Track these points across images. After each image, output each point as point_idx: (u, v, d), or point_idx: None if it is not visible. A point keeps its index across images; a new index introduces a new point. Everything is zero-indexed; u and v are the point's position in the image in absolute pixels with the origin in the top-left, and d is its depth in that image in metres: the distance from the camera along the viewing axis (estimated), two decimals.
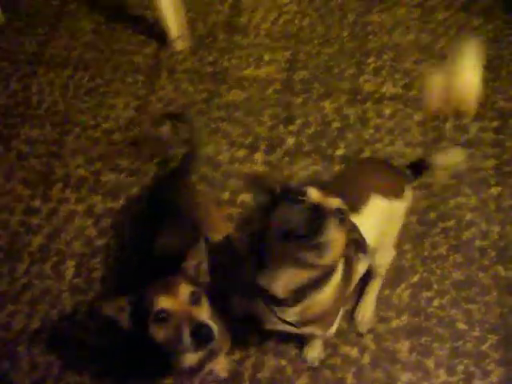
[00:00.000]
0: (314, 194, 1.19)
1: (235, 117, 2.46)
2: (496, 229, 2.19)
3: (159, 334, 1.29)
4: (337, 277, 1.37)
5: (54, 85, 2.64)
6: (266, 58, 2.63)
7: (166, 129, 2.40)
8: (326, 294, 1.36)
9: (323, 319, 1.50)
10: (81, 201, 2.30)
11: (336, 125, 2.43)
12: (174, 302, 1.29)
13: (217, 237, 1.99)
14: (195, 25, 2.76)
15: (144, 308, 1.30)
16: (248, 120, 2.45)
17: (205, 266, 1.44)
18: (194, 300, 1.32)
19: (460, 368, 1.95)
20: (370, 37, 2.69)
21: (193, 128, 2.08)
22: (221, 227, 2.05)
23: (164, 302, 1.28)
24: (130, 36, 2.76)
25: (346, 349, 1.98)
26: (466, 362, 1.96)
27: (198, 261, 1.44)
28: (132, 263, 1.84)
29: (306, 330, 1.50)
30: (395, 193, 1.65)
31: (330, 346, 1.97)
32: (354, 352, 1.97)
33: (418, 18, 2.76)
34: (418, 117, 2.44)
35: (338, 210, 1.17)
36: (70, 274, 2.14)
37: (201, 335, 1.24)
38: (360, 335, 2.00)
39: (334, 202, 1.19)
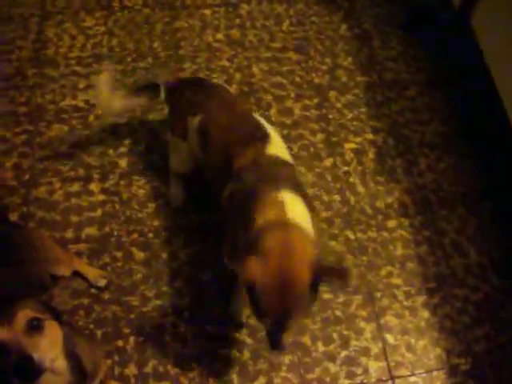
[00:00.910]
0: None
1: (61, 152, 2.36)
2: (337, 198, 2.32)
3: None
4: None
5: None
6: (81, 85, 2.55)
7: None
8: None
9: None
10: None
11: None
12: (6, 330, 1.19)
13: (65, 271, 1.89)
14: (2, 65, 2.61)
15: None
16: (76, 152, 2.36)
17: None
18: (33, 327, 1.22)
19: (335, 335, 2.04)
20: (182, 43, 2.72)
21: None
22: (65, 260, 1.93)
23: None
24: None
25: (224, 352, 1.99)
26: (338, 328, 2.05)
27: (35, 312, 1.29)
28: None
29: None
30: None
31: (210, 353, 1.97)
32: (233, 353, 1.99)
33: (224, 16, 2.83)
34: None
35: None
36: None
37: (23, 369, 1.16)
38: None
39: None
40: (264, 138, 1.62)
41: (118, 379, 1.89)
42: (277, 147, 1.64)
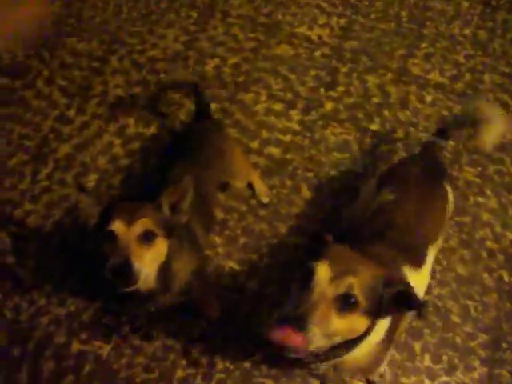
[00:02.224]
0: (322, 274, 1.14)
1: (279, 71, 2.47)
2: (509, 235, 2.20)
3: (105, 250, 1.30)
4: (373, 337, 1.30)
5: (108, 3, 2.65)
6: (321, 20, 2.62)
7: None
8: (361, 352, 1.32)
9: (364, 369, 1.51)
10: (113, 120, 2.33)
11: (376, 100, 2.43)
12: (125, 230, 1.30)
13: (239, 184, 2.02)
14: None
15: (106, 220, 1.31)
16: (291, 77, 2.46)
17: (184, 205, 1.42)
18: (146, 238, 1.31)
19: (445, 358, 1.98)
20: (428, 23, 2.67)
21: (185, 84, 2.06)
22: (244, 174, 2.07)
23: (116, 226, 1.29)
24: None
25: None
26: (451, 353, 1.99)
27: (177, 197, 1.41)
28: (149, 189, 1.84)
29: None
30: (443, 217, 1.65)
31: None
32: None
33: (479, 15, 2.73)
34: (457, 110, 2.43)
35: (346, 295, 1.12)
36: (90, 186, 2.18)
37: (120, 273, 1.25)
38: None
39: (342, 285, 1.12)
40: None
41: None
42: None
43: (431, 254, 1.58)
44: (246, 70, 2.47)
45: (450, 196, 1.69)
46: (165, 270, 1.43)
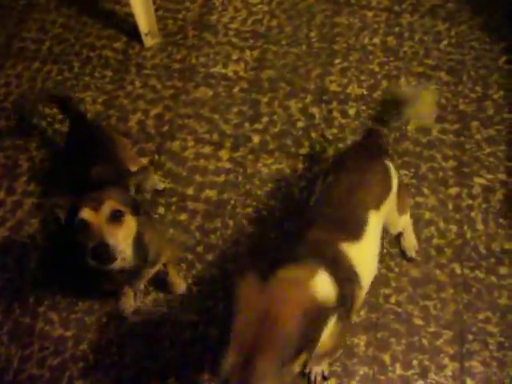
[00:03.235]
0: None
1: (201, 114, 2.49)
2: (453, 228, 2.25)
3: (80, 240, 1.40)
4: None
5: (21, 78, 2.64)
6: (234, 56, 2.66)
7: None
8: (325, 335, 1.30)
9: (326, 353, 1.50)
10: (46, 194, 2.31)
11: (301, 124, 2.47)
12: (94, 215, 1.39)
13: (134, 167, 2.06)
14: (165, 21, 2.80)
15: (74, 212, 1.41)
16: (214, 117, 2.48)
17: (146, 185, 1.56)
18: (115, 218, 1.42)
19: (415, 362, 2.00)
20: (338, 38, 2.74)
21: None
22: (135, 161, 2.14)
23: (85, 213, 1.39)
24: (100, 30, 2.78)
25: None
26: (421, 356, 2.01)
27: (141, 178, 1.54)
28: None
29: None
30: (387, 191, 1.65)
31: None
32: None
33: (385, 22, 2.82)
34: None
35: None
36: (33, 266, 2.14)
37: (99, 254, 1.35)
38: (411, 260, 2.15)
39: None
40: None
41: None
42: None
43: (373, 222, 1.57)
44: (169, 119, 2.48)
45: (393, 171, 1.71)
46: (139, 244, 1.54)
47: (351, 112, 2.51)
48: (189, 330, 2.02)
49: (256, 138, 2.42)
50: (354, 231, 1.51)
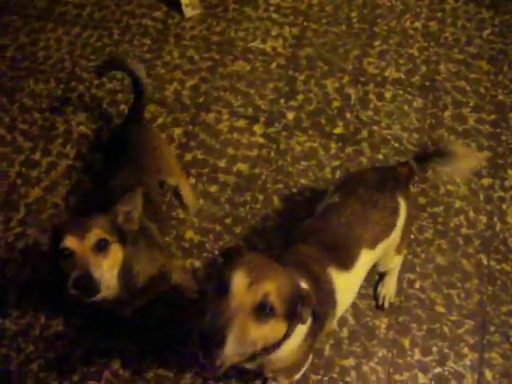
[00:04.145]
0: (238, 284, 1.11)
1: (237, 87, 2.50)
2: (483, 219, 2.23)
3: (64, 268, 1.36)
4: (295, 339, 1.31)
5: (61, 42, 2.66)
6: (274, 32, 2.65)
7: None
8: (285, 353, 1.33)
9: (287, 369, 1.50)
10: (80, 157, 2.34)
11: (336, 104, 2.46)
12: (78, 243, 1.34)
13: (173, 181, 2.04)
14: None
15: (59, 239, 1.36)
16: (250, 92, 2.48)
17: (135, 214, 1.48)
18: (100, 247, 1.36)
19: (435, 349, 2.00)
20: (378, 20, 2.71)
21: (132, 71, 1.99)
22: (176, 171, 2.09)
23: (69, 242, 1.34)
24: None
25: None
26: (441, 344, 2.01)
27: (130, 207, 1.48)
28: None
29: (271, 374, 1.53)
30: (389, 230, 1.62)
31: None
32: (333, 325, 2.02)
33: (428, 6, 2.77)
34: (416, 103, 2.46)
35: (263, 303, 1.10)
36: None
37: (82, 285, 1.30)
38: (381, 309, 2.06)
39: (259, 293, 1.11)
40: None
41: None
42: None
43: (365, 259, 1.56)
44: (205, 91, 2.49)
45: (402, 210, 1.66)
46: (127, 274, 1.49)
47: (387, 95, 2.48)
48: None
49: (290, 115, 2.42)
50: (344, 261, 1.51)
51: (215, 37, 2.65)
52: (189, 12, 2.67)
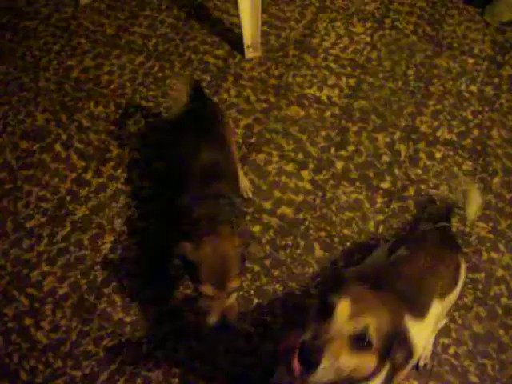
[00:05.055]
0: (342, 312, 1.17)
1: (290, 132, 2.54)
2: None
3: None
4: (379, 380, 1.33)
5: (125, 68, 2.76)
6: (330, 81, 2.70)
7: None
8: None
9: None
10: (130, 182, 2.40)
11: (386, 158, 2.47)
12: (218, 293, 1.51)
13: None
14: (268, 37, 2.87)
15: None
16: (302, 137, 2.52)
17: (249, 248, 1.61)
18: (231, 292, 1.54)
19: None
20: (435, 80, 2.73)
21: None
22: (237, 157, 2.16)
23: (209, 291, 1.51)
24: (205, 36, 2.88)
25: None
26: None
27: (245, 243, 1.59)
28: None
29: None
30: (453, 286, 1.67)
31: None
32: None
33: (485, 71, 2.79)
34: (466, 166, 2.46)
35: (362, 335, 1.16)
36: (106, 248, 2.23)
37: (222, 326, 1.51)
38: (415, 367, 2.02)
39: (360, 325, 1.17)
40: None
41: None
42: None
43: (435, 310, 1.58)
44: (258, 131, 2.54)
45: (463, 271, 1.71)
46: None
47: (438, 155, 2.49)
48: (243, 340, 2.04)
49: (339, 165, 2.44)
50: (419, 310, 1.54)
51: (273, 80, 2.71)
52: (250, 53, 2.75)
